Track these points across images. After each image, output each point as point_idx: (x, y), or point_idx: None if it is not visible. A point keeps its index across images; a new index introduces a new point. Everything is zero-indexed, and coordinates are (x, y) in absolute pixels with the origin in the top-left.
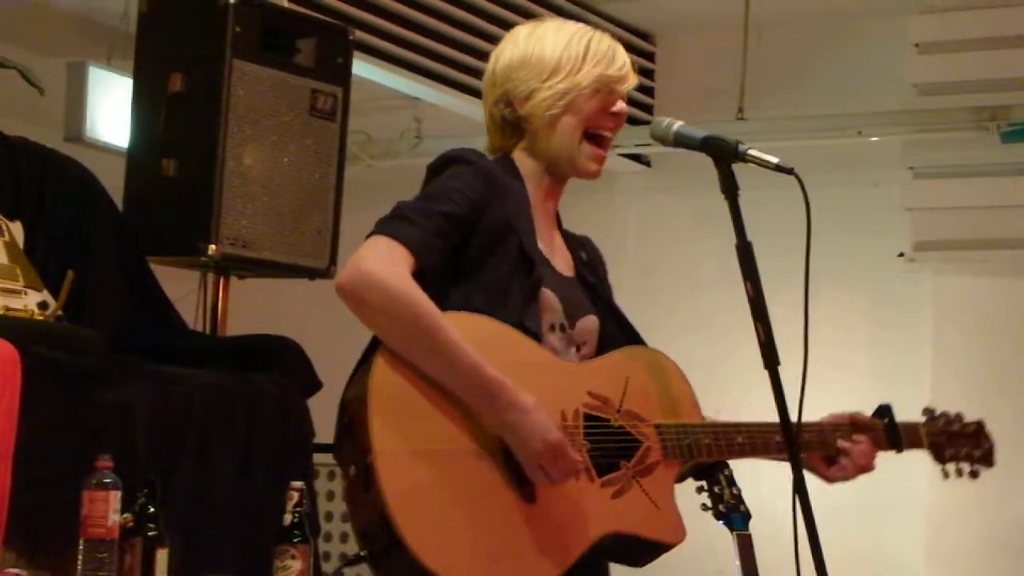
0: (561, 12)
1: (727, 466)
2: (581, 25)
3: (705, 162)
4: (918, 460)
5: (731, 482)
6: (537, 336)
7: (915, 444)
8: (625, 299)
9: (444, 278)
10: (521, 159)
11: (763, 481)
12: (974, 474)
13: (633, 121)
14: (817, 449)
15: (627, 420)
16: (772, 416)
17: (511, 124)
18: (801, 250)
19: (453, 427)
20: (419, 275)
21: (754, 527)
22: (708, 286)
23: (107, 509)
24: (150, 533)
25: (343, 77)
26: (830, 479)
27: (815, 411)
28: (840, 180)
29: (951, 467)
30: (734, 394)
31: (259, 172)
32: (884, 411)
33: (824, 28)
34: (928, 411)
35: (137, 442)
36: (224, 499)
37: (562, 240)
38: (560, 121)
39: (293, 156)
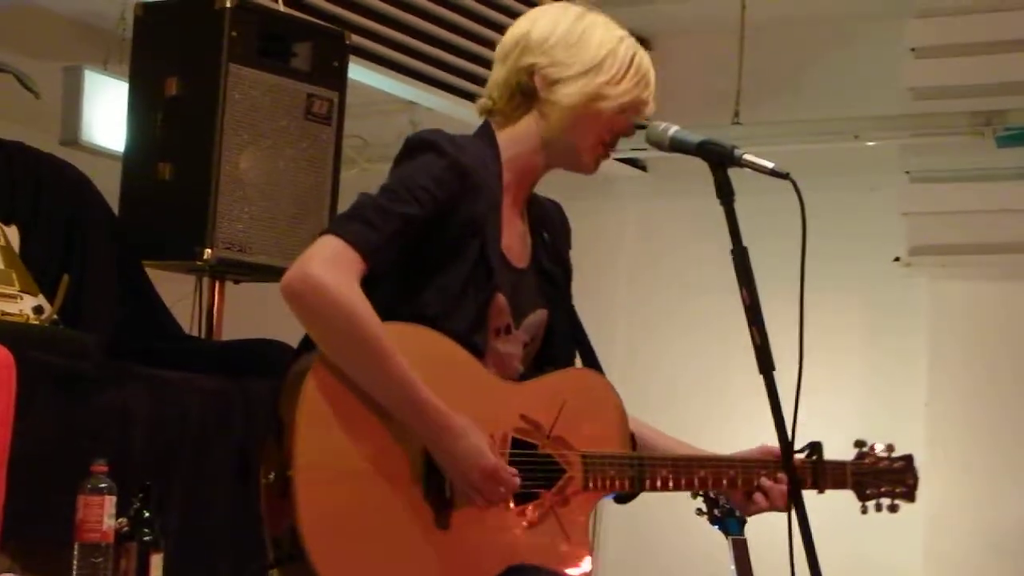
0: None
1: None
2: (625, 32)
3: (701, 167)
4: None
5: None
6: (482, 351)
7: (839, 484)
8: (621, 303)
9: (398, 277)
10: (511, 140)
11: None
12: (893, 508)
13: None
14: (742, 486)
15: (555, 447)
16: (766, 419)
17: (524, 95)
18: (797, 255)
19: (378, 447)
20: (369, 276)
21: (749, 532)
22: (704, 290)
23: (102, 514)
24: (145, 538)
25: (339, 81)
26: (746, 513)
27: (810, 416)
28: (836, 184)
29: (871, 503)
30: (728, 397)
31: (255, 176)
32: (815, 447)
33: (820, 32)
34: (859, 443)
35: (132, 446)
36: (219, 504)
37: (524, 222)
38: (581, 119)
39: (289, 160)
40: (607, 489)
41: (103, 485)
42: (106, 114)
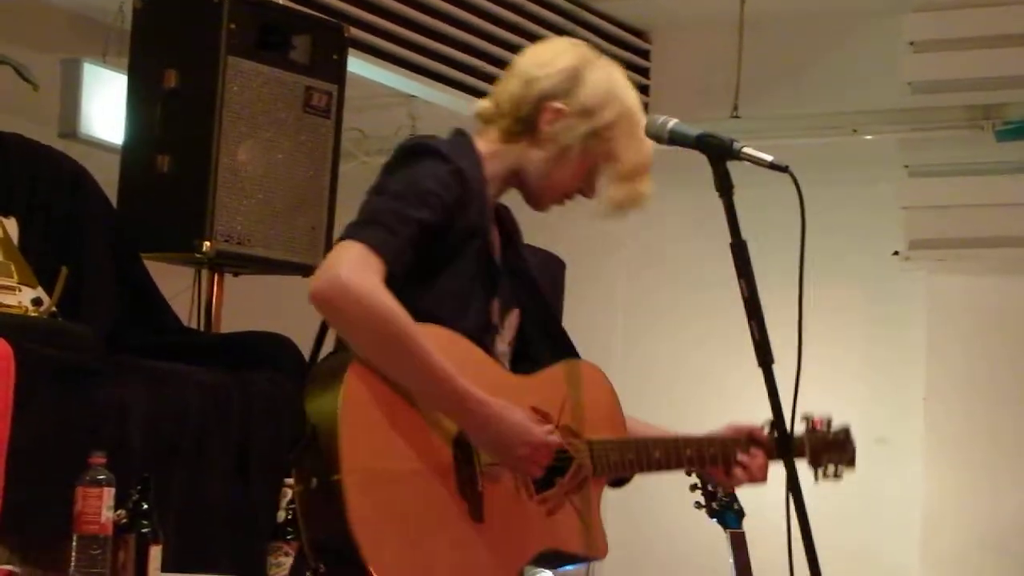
0: (559, 10)
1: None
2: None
3: (700, 160)
4: (912, 461)
5: None
6: (490, 350)
7: (800, 455)
8: (620, 297)
9: (409, 276)
10: (493, 157)
11: None
12: (838, 475)
13: None
14: (720, 463)
15: (564, 437)
16: (765, 412)
17: (525, 123)
18: (796, 248)
19: (415, 445)
20: (388, 281)
21: (748, 525)
22: (703, 284)
23: (100, 506)
24: (143, 530)
25: (338, 74)
26: (727, 488)
27: (810, 408)
28: (835, 178)
29: (820, 471)
30: (728, 391)
31: (254, 169)
32: (773, 424)
33: (819, 26)
34: (806, 419)
35: (131, 439)
36: (218, 496)
37: (496, 224)
38: (562, 165)
39: (288, 153)
40: (611, 473)
41: (102, 477)
42: (105, 107)
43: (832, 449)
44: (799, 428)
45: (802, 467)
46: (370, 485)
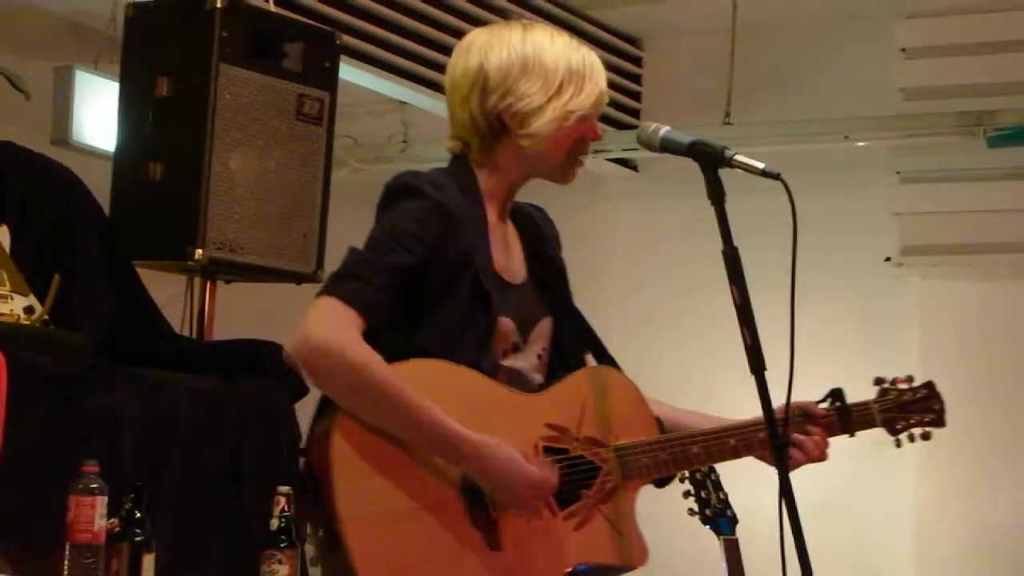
0: (550, 17)
1: (714, 471)
2: (567, 35)
3: (692, 167)
4: (905, 462)
5: (718, 487)
6: (492, 372)
7: (868, 424)
8: (612, 304)
9: (398, 322)
10: (487, 169)
11: (749, 485)
12: (925, 436)
13: (620, 126)
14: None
15: (586, 447)
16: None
17: (491, 133)
18: (788, 255)
19: (416, 484)
20: (370, 331)
21: (741, 532)
22: (695, 291)
23: (93, 514)
24: (137, 538)
25: (330, 82)
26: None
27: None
28: (827, 185)
29: (904, 436)
30: (720, 398)
31: (246, 177)
32: (836, 394)
33: (811, 33)
34: (879, 380)
35: (124, 447)
36: (211, 504)
37: (516, 235)
38: (559, 139)
39: (280, 161)
40: (645, 476)
41: (94, 485)
42: (97, 114)
43: (912, 410)
44: (869, 395)
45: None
46: (373, 530)
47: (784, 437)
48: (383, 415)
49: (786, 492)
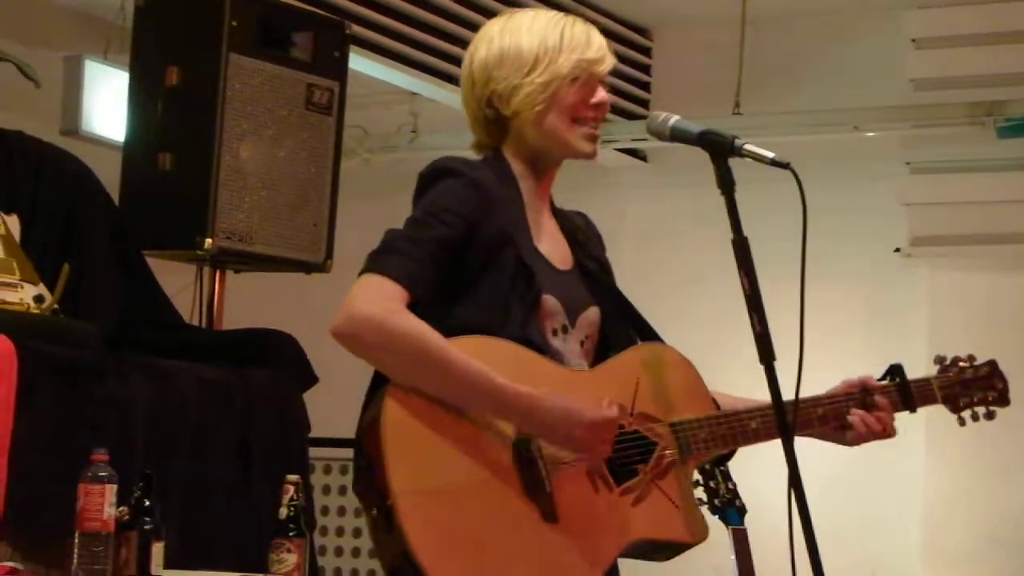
0: (557, 7)
1: (723, 461)
2: (554, 12)
3: (702, 157)
4: (916, 455)
5: (727, 477)
6: (541, 348)
7: (929, 401)
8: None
9: (442, 298)
10: (511, 155)
11: (759, 475)
12: (990, 416)
13: (630, 116)
14: (832, 421)
15: (640, 423)
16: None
17: (496, 123)
18: (797, 245)
19: (468, 457)
20: (415, 304)
21: (750, 522)
22: (705, 281)
23: (103, 502)
24: (146, 527)
25: (340, 71)
26: (849, 444)
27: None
28: (836, 175)
29: (967, 414)
30: (730, 388)
31: (255, 166)
32: (896, 371)
33: (821, 23)
34: (939, 359)
35: (133, 436)
36: (220, 493)
37: (557, 227)
38: (547, 116)
39: (289, 150)
40: (704, 451)
41: (104, 474)
42: (106, 104)
43: (973, 388)
44: (929, 372)
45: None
46: (426, 505)
47: (791, 424)
48: (435, 379)
49: (795, 483)
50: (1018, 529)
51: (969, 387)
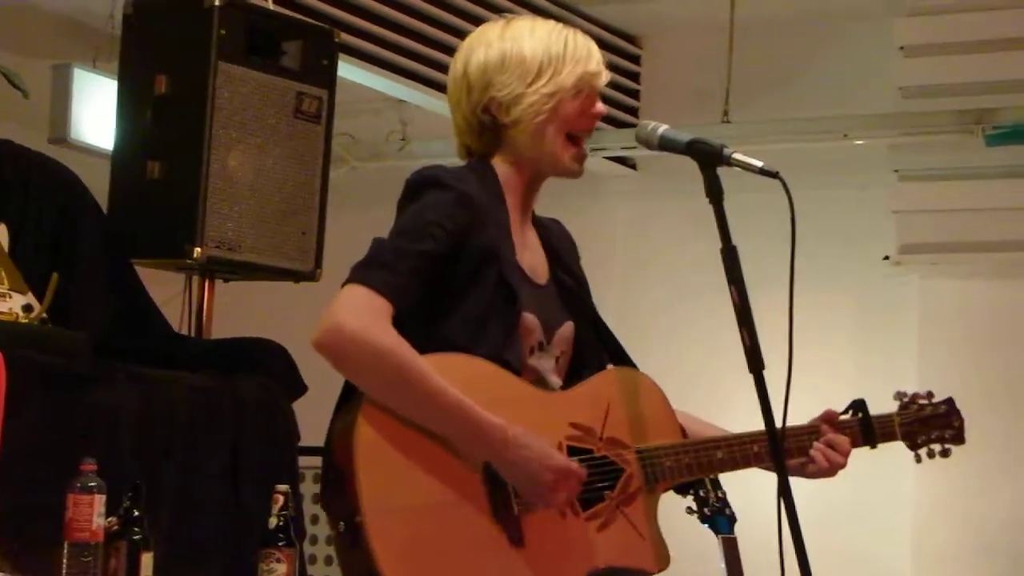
0: (546, 14)
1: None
2: (553, 22)
3: (691, 165)
4: (904, 463)
5: (716, 485)
6: (517, 369)
7: (890, 437)
8: (611, 303)
9: (425, 313)
10: (501, 165)
11: (748, 484)
12: (945, 453)
13: (618, 124)
14: (796, 456)
15: (610, 448)
16: (757, 419)
17: (491, 130)
18: (786, 253)
19: (439, 477)
20: (398, 316)
21: (739, 531)
22: (694, 290)
23: (92, 512)
24: (135, 537)
25: (328, 79)
26: (809, 477)
27: (800, 415)
28: (826, 183)
29: (923, 451)
30: (719, 397)
31: (244, 175)
32: (858, 405)
33: (810, 31)
34: (900, 395)
35: (122, 445)
36: (209, 503)
37: (537, 239)
38: (547, 128)
39: (278, 158)
40: (669, 480)
41: (93, 484)
42: (95, 112)
43: (932, 425)
44: (890, 408)
45: (898, 450)
46: (395, 523)
47: (782, 433)
48: (409, 401)
49: (784, 491)
50: (1007, 536)
51: (927, 424)
